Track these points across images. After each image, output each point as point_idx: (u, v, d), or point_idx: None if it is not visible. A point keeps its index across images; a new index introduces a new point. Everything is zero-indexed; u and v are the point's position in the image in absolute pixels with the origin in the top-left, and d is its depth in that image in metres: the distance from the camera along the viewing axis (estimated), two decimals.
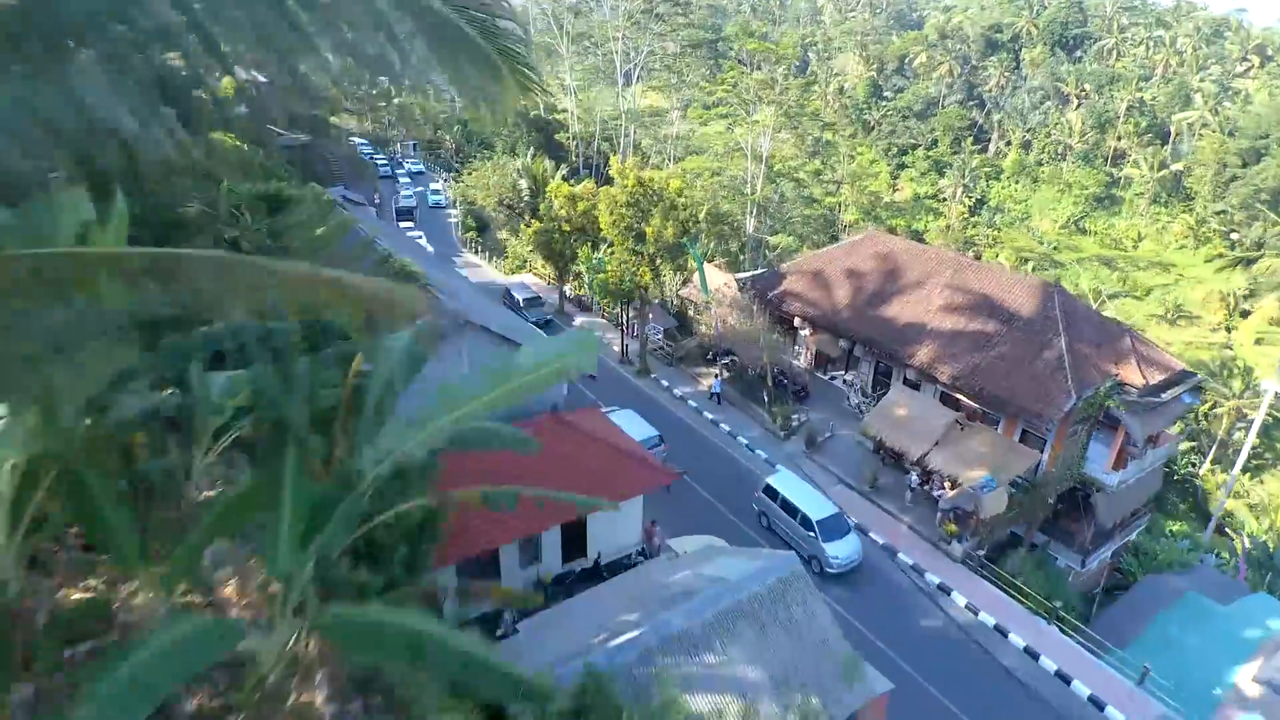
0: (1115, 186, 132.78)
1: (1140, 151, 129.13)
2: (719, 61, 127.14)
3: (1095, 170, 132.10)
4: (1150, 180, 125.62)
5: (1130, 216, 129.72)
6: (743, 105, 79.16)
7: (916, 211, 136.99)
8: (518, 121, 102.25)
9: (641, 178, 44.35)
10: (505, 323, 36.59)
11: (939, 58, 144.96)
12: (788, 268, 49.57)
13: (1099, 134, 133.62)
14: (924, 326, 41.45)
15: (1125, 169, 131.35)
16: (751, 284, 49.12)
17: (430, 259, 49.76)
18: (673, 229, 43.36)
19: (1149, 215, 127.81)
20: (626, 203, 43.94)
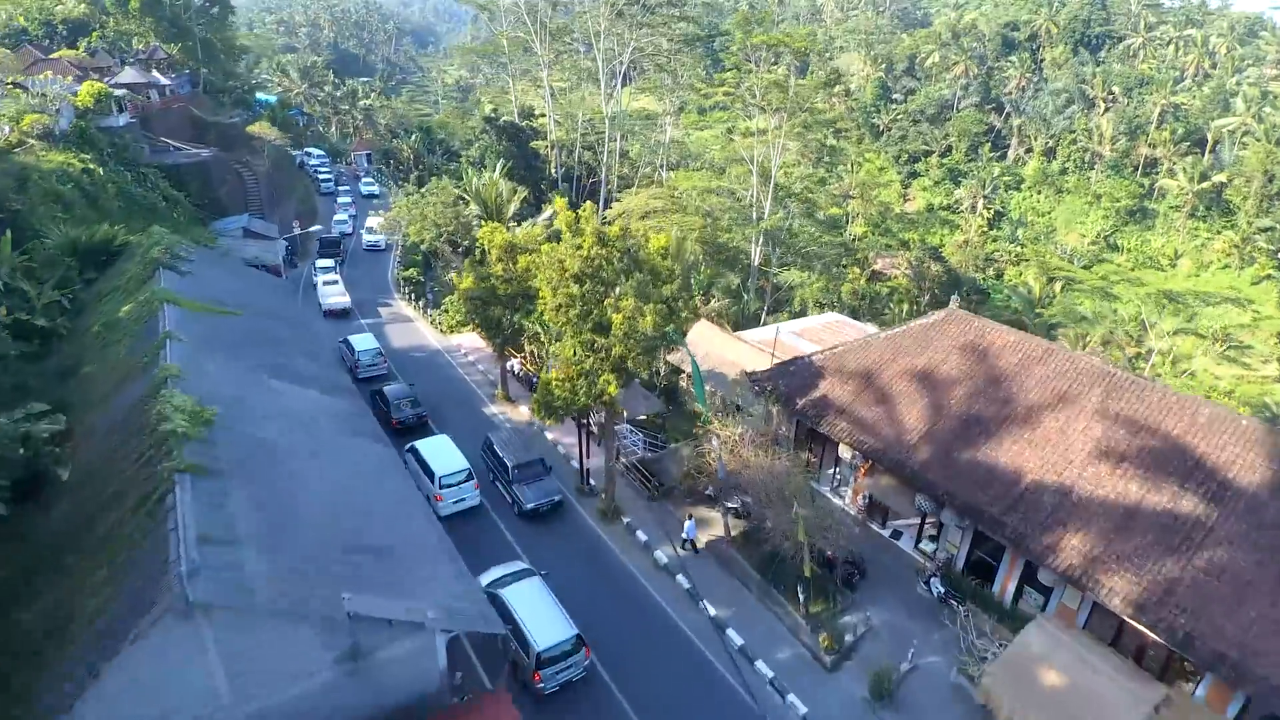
0: (1148, 198, 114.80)
1: (1178, 161, 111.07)
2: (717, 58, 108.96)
3: (1127, 181, 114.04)
4: (1189, 193, 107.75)
5: (1165, 232, 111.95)
6: (746, 111, 61.14)
7: (930, 224, 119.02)
8: (484, 128, 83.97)
9: (605, 234, 26.46)
10: None
11: (953, 57, 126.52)
12: (826, 358, 31.63)
13: (1129, 141, 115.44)
14: (1065, 491, 23.72)
15: (1160, 180, 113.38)
16: (771, 383, 31.38)
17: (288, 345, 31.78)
18: (653, 316, 25.53)
19: (1186, 231, 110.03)
20: (581, 274, 26.13)
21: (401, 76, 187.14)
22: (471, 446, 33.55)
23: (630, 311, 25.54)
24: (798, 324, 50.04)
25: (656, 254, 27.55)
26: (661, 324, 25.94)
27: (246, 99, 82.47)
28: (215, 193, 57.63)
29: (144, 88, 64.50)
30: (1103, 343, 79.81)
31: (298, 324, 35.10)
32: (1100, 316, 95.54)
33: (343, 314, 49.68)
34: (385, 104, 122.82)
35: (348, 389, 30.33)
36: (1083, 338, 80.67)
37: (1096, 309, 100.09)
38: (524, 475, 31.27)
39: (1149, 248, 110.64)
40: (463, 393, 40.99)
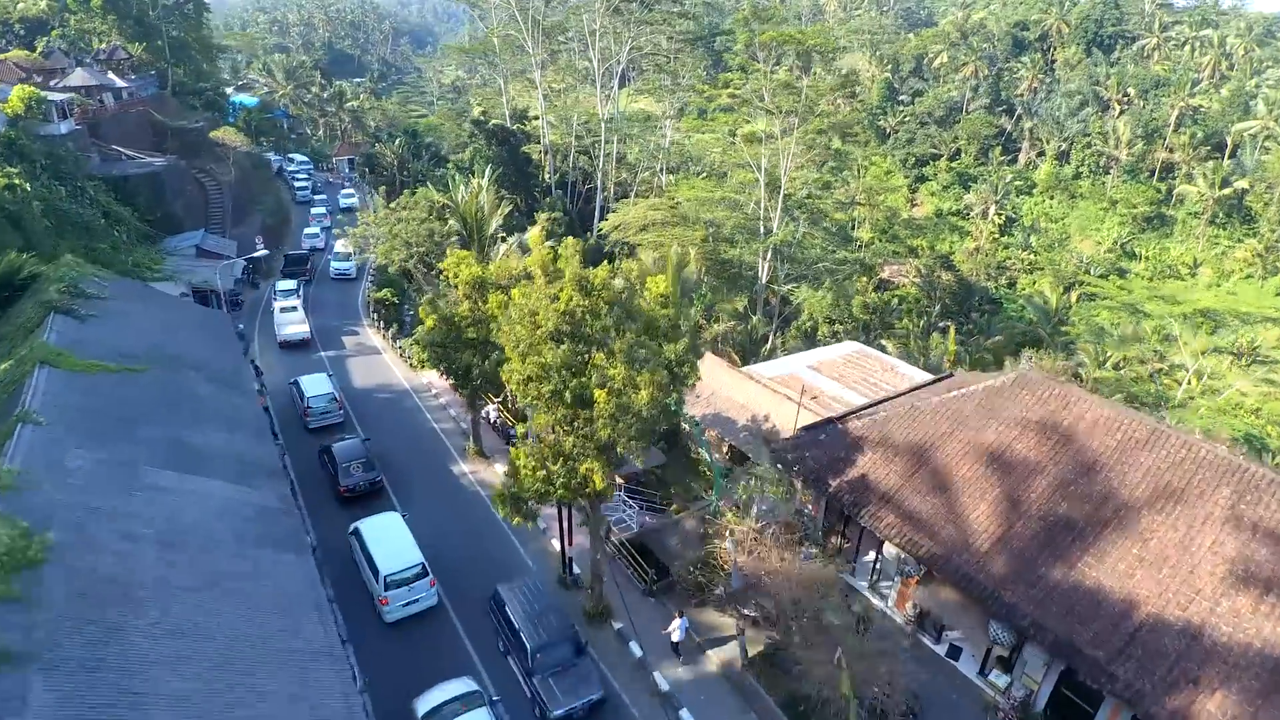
0: (1165, 204, 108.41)
1: (1198, 166, 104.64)
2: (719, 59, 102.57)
3: (1144, 186, 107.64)
4: (1209, 199, 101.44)
5: (1184, 239, 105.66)
6: (754, 114, 54.74)
7: (939, 230, 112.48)
8: (473, 132, 77.42)
9: (588, 280, 20.09)
10: None
11: (963, 57, 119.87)
12: (866, 425, 25.20)
13: (1146, 145, 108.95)
14: (1194, 633, 17.44)
15: (1178, 185, 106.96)
16: (798, 456, 25.06)
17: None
18: (650, 389, 19.21)
19: (1206, 238, 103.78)
20: (557, 333, 19.81)
21: (397, 77, 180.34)
22: (435, 519, 27.37)
23: (621, 383, 19.20)
24: (814, 355, 43.68)
25: (655, 302, 21.19)
26: (661, 396, 19.59)
27: (217, 101, 75.87)
28: (169, 206, 51.17)
29: (97, 91, 57.96)
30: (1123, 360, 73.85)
31: (224, 375, 28.68)
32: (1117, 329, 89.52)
33: (301, 345, 43.34)
34: (375, 105, 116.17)
35: (268, 469, 23.93)
36: (1103, 354, 74.59)
37: (1116, 322, 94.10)
38: (549, 661, 21.21)
39: (1168, 256, 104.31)
40: (430, 445, 34.62)
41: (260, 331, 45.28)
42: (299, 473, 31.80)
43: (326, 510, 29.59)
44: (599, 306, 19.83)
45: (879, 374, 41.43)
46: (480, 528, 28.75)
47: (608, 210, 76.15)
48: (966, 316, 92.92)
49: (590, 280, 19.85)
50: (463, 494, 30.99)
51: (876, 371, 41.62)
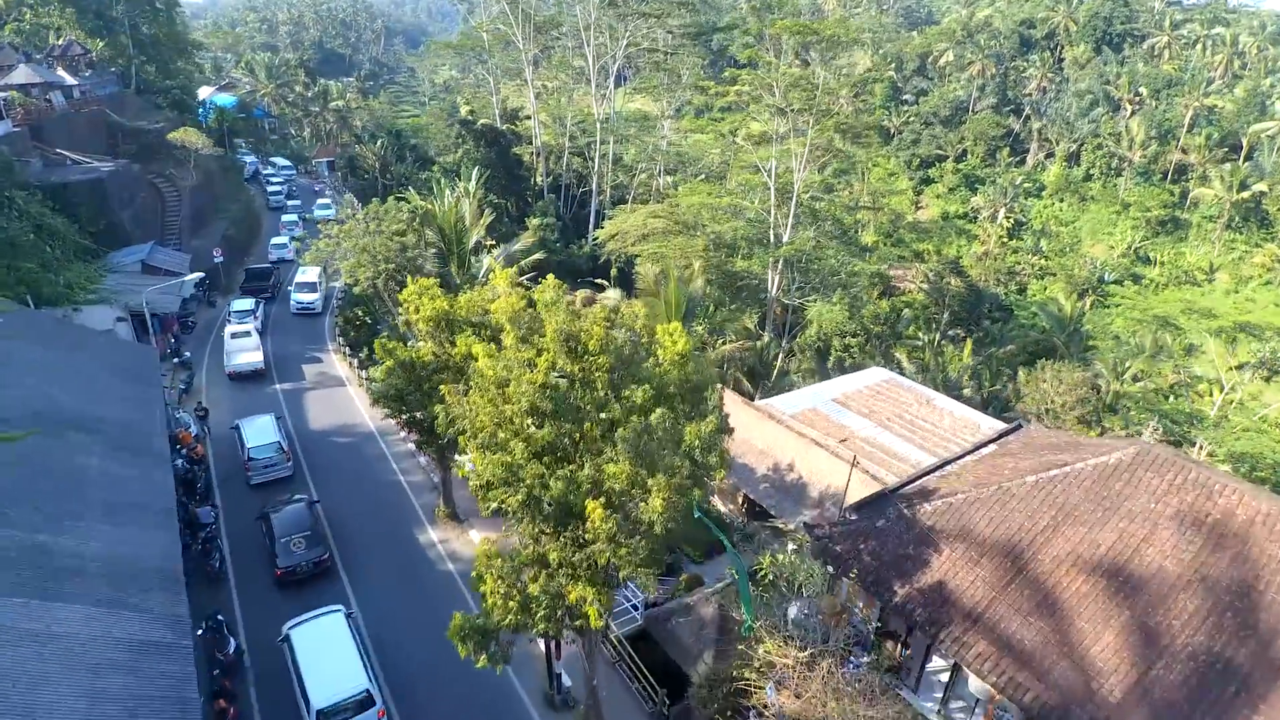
0: (1179, 208, 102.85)
1: (1214, 168, 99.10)
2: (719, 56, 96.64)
3: (1158, 189, 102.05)
4: (1226, 202, 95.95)
5: (1200, 243, 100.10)
6: (762, 113, 48.87)
7: (945, 234, 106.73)
8: (460, 133, 71.37)
9: (577, 338, 14.21)
10: None
11: (969, 56, 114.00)
12: (937, 509, 19.21)
13: (1160, 146, 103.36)
14: None
15: (1193, 188, 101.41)
16: (848, 547, 19.23)
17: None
18: (666, 491, 13.36)
19: (1222, 243, 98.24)
20: (535, 411, 13.91)
21: (389, 77, 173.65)
22: (394, 610, 21.65)
23: (624, 484, 13.36)
24: (837, 386, 37.83)
25: (671, 364, 15.34)
26: (680, 501, 13.77)
27: (185, 101, 69.58)
28: (114, 216, 45.01)
29: (43, 89, 51.75)
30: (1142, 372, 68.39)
31: (128, 438, 22.72)
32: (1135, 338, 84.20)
33: (254, 376, 37.35)
34: (362, 105, 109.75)
35: (162, 576, 18.01)
36: (1121, 366, 69.09)
37: (1133, 331, 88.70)
38: None
39: (1183, 261, 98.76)
40: (394, 505, 28.68)
41: (211, 359, 39.31)
42: (237, 542, 25.97)
43: (262, 597, 23.74)
44: (594, 373, 13.97)
45: (914, 408, 35.64)
46: (445, 621, 22.87)
47: (603, 216, 70.21)
48: (977, 324, 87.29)
49: (581, 338, 13.98)
50: (430, 574, 25.11)
51: (911, 405, 35.82)
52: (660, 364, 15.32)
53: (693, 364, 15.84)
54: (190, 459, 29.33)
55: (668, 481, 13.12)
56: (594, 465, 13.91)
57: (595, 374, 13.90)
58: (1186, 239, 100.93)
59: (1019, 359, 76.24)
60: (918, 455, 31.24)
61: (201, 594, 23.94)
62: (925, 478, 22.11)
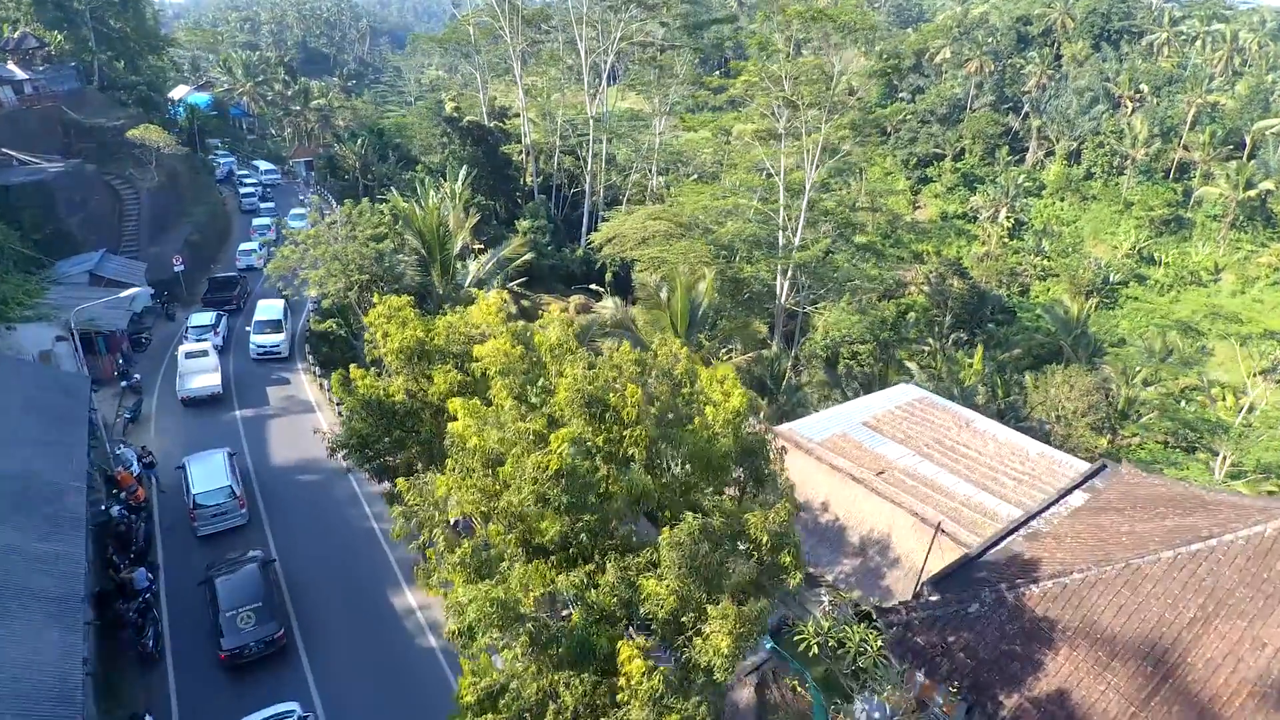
0: (1182, 207, 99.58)
1: (1219, 166, 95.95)
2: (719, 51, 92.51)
3: (1162, 187, 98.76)
4: (1231, 201, 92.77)
5: (1204, 243, 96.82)
6: (776, 108, 44.63)
7: (945, 234, 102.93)
8: (445, 130, 66.78)
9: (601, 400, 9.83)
10: None
11: (966, 53, 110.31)
12: (1046, 593, 14.93)
13: (1163, 143, 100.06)
14: None
15: (1197, 186, 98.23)
16: (931, 637, 14.95)
17: None
18: (733, 625, 9.05)
19: (1227, 242, 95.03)
20: (542, 500, 9.53)
21: (374, 77, 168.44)
22: (364, 705, 17.16)
23: (671, 610, 9.04)
24: (866, 407, 33.53)
25: (724, 425, 11.04)
26: (751, 633, 9.48)
27: (152, 98, 64.57)
28: (63, 221, 40.23)
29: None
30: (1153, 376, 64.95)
31: (36, 490, 18.19)
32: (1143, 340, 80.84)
33: (210, 401, 32.72)
34: (345, 104, 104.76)
35: (51, 698, 13.55)
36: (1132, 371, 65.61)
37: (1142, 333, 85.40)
38: None
39: (1188, 261, 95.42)
40: (366, 560, 24.16)
41: (165, 381, 34.63)
42: (180, 611, 21.52)
43: (205, 686, 19.29)
44: (626, 449, 9.66)
45: (954, 432, 31.45)
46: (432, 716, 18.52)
47: (598, 217, 65.81)
48: (980, 326, 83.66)
49: (610, 402, 9.64)
50: (407, 651, 20.69)
51: (949, 429, 31.64)
52: (709, 426, 11.12)
53: (742, 418, 11.60)
54: (129, 505, 24.79)
55: (737, 610, 8.90)
56: (620, 571, 9.67)
57: (628, 448, 9.72)
58: (1190, 238, 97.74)
59: (1024, 363, 72.69)
60: (966, 489, 27.08)
61: (131, 683, 19.48)
62: (1010, 537, 17.93)
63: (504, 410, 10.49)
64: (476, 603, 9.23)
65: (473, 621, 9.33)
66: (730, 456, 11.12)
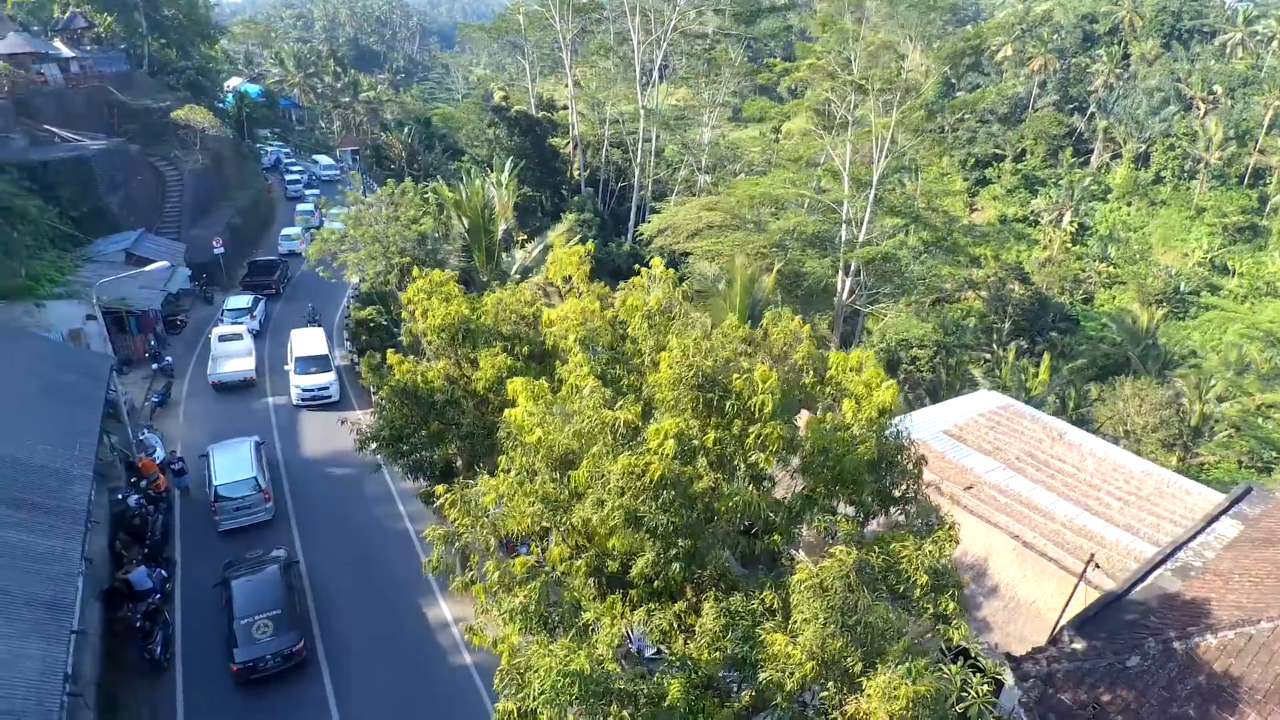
0: (1258, 214, 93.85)
1: None
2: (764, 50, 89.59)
3: (1237, 193, 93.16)
4: None
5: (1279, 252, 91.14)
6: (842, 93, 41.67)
7: (1004, 238, 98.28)
8: (493, 120, 64.88)
9: (719, 381, 7.04)
10: None
11: (1030, 50, 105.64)
12: (1231, 648, 11.97)
13: (1239, 146, 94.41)
14: None
15: (1273, 193, 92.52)
16: (1066, 693, 11.95)
17: None
18: (903, 706, 6.25)
19: None
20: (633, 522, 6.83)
21: (423, 74, 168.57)
22: None
23: (807, 677, 6.32)
24: (946, 413, 30.29)
25: (864, 427, 8.28)
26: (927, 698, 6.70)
27: (201, 83, 63.65)
28: (102, 199, 38.84)
29: (35, 60, 45.95)
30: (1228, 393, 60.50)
31: (39, 481, 16.12)
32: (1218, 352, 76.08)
33: (243, 387, 30.81)
34: (393, 99, 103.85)
35: None
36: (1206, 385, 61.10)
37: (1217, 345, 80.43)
38: None
39: (1264, 270, 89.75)
40: (398, 565, 21.78)
41: (198, 366, 32.85)
42: (195, 616, 19.43)
43: (217, 702, 17.07)
44: (749, 455, 6.96)
45: (1045, 445, 28.10)
46: None
47: (646, 211, 63.26)
48: (1041, 334, 79.39)
49: (734, 387, 6.92)
50: (440, 669, 18.27)
51: (1041, 441, 28.30)
52: (845, 426, 8.40)
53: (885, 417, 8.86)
54: (149, 495, 22.80)
55: (909, 686, 6.14)
56: (725, 616, 6.98)
57: (751, 452, 7.06)
58: (1266, 247, 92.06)
59: (1089, 373, 68.59)
60: (1066, 510, 23.80)
61: (135, 695, 17.34)
62: (1156, 572, 14.86)
63: (583, 393, 7.94)
64: (546, 673, 6.59)
65: (539, 700, 6.64)
66: (869, 467, 8.42)
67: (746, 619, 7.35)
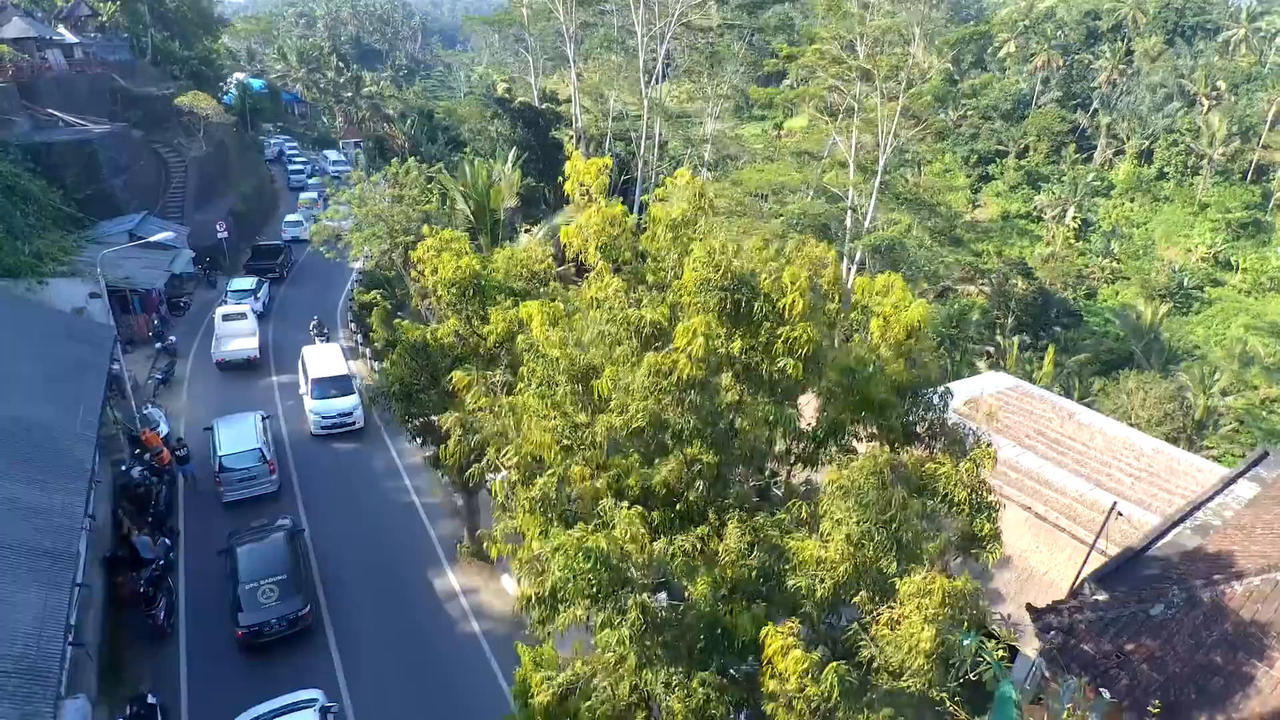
0: (1261, 210, 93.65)
1: None
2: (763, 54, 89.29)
3: (1241, 188, 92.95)
4: None
5: None
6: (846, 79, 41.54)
7: (1006, 234, 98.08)
8: (496, 111, 64.71)
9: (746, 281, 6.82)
10: None
11: (1034, 47, 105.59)
12: (1256, 595, 11.83)
13: (1242, 143, 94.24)
14: None
15: (1276, 189, 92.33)
16: (1089, 643, 11.71)
17: None
18: (939, 605, 6.02)
19: None
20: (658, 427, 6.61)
21: (425, 73, 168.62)
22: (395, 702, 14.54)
23: (838, 582, 6.11)
24: (957, 392, 30.13)
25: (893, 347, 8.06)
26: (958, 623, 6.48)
27: (204, 72, 63.51)
28: (106, 183, 38.70)
29: (38, 45, 45.82)
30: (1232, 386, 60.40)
31: (45, 441, 15.93)
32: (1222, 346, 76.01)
33: (246, 366, 30.63)
34: (394, 94, 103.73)
35: (21, 668, 11.08)
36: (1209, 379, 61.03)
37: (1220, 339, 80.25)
38: None
39: (1267, 266, 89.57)
40: (404, 535, 21.61)
41: (201, 346, 32.71)
42: (199, 585, 19.19)
43: (220, 668, 16.86)
44: (780, 360, 6.72)
45: (1056, 424, 27.95)
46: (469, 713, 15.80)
47: (647, 206, 63.17)
48: (1045, 329, 79.25)
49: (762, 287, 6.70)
50: (447, 638, 18.05)
51: (1051, 420, 28.14)
52: (870, 343, 8.19)
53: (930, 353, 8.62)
54: (152, 467, 22.59)
55: (945, 583, 5.92)
56: (750, 533, 6.77)
57: (779, 358, 6.82)
58: (1269, 242, 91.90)
59: (1092, 368, 68.43)
60: (1078, 485, 23.63)
61: (138, 660, 17.13)
62: (1177, 529, 14.65)
63: (606, 292, 7.67)
64: (565, 556, 6.38)
65: (559, 583, 6.43)
66: (898, 391, 8.16)
67: (774, 532, 7.12)
